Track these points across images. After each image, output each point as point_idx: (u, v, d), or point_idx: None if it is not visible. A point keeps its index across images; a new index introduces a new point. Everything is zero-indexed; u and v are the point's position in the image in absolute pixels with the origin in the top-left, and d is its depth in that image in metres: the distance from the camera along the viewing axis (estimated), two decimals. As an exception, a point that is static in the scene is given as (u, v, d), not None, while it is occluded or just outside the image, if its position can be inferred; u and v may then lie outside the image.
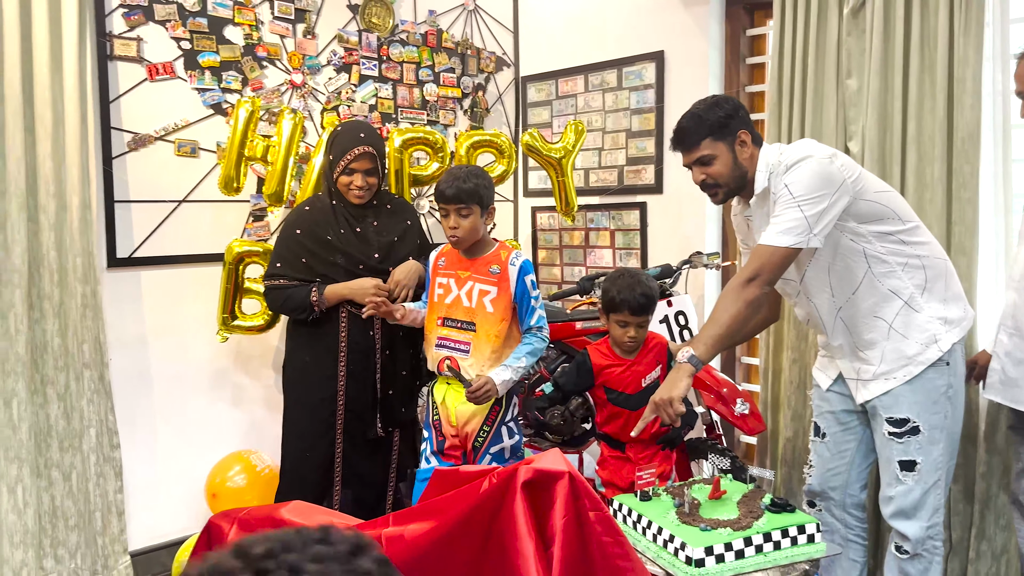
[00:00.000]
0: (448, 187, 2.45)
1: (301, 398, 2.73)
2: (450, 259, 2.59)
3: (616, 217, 3.80)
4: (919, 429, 2.14)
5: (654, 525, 2.06)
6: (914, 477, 2.16)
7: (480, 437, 2.54)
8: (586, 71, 3.85)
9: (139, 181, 2.99)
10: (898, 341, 2.16)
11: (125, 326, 2.99)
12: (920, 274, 2.16)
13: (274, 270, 2.69)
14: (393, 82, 3.66)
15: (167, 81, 3.02)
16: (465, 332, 2.51)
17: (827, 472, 2.40)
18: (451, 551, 1.73)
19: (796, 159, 2.07)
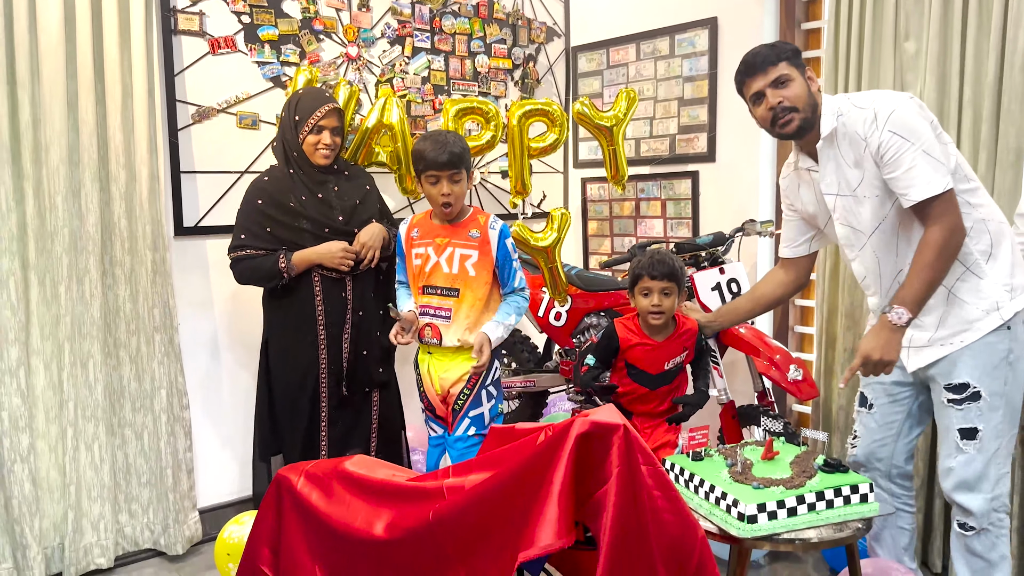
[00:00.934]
0: (440, 154, 2.44)
1: (287, 366, 2.76)
2: (424, 229, 2.60)
3: (667, 187, 3.80)
4: (980, 395, 2.09)
5: (706, 483, 2.10)
6: (975, 446, 2.10)
7: (460, 400, 2.58)
8: (638, 39, 3.84)
9: (203, 152, 3.09)
10: (958, 307, 2.11)
11: (192, 292, 3.11)
12: (986, 239, 2.10)
13: (238, 242, 2.71)
14: (445, 54, 3.70)
15: (228, 55, 3.11)
16: (447, 298, 2.55)
17: (873, 443, 2.37)
18: (508, 499, 1.80)
19: (888, 109, 2.03)
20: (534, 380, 3.53)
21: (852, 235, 2.23)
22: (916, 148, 1.99)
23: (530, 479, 1.75)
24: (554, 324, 3.40)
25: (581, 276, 3.42)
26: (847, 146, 2.11)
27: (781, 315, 3.47)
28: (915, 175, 2.00)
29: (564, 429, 1.76)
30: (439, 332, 2.55)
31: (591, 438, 1.74)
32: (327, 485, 2.12)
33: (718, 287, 3.08)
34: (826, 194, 2.22)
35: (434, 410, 2.65)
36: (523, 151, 3.17)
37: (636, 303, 2.60)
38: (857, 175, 2.13)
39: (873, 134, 2.04)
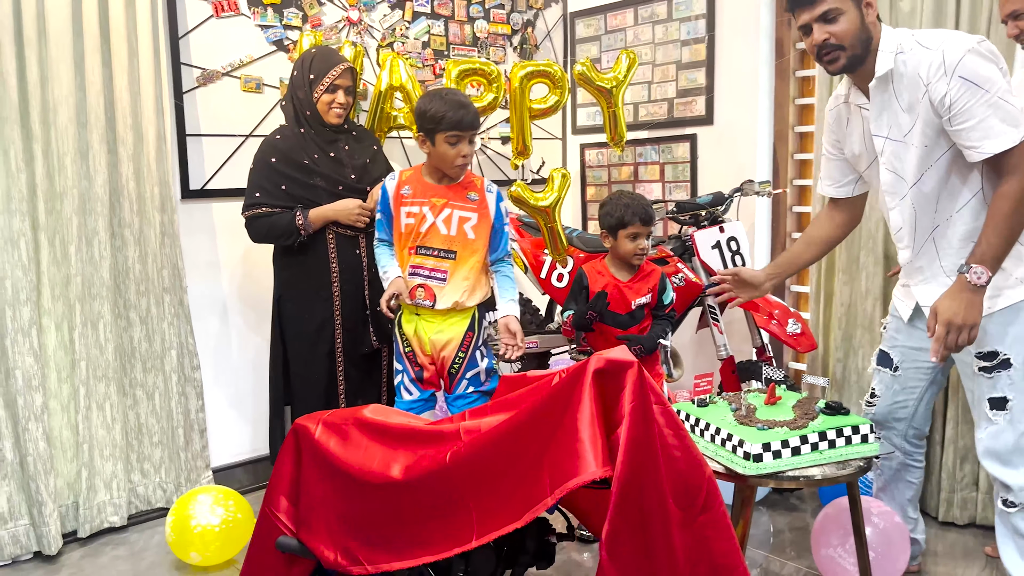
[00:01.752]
0: (466, 114, 2.42)
1: (303, 320, 2.80)
2: (417, 187, 2.55)
3: (665, 150, 3.85)
4: (1010, 362, 1.98)
5: (712, 427, 2.17)
6: (1006, 417, 2.00)
7: (456, 363, 2.57)
8: (635, 4, 3.87)
9: (208, 115, 3.11)
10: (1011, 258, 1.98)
11: (200, 255, 3.14)
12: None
13: (253, 200, 2.73)
14: (445, 19, 3.72)
15: (232, 18, 3.12)
16: (443, 260, 2.52)
17: (894, 404, 2.32)
18: (524, 439, 1.85)
19: (959, 53, 1.86)
20: (537, 341, 3.59)
21: (896, 183, 2.08)
22: (990, 96, 1.84)
23: (550, 418, 1.80)
24: (556, 286, 3.45)
25: (582, 238, 3.47)
26: (904, 87, 1.95)
27: (778, 274, 3.53)
28: (990, 126, 1.85)
29: (580, 368, 1.82)
30: (433, 294, 2.53)
31: (606, 375, 1.80)
32: (344, 432, 2.17)
33: (718, 245, 3.14)
34: (875, 135, 2.07)
35: (419, 373, 2.61)
36: (524, 112, 3.21)
37: (620, 246, 2.67)
38: (909, 120, 1.98)
39: (940, 80, 1.88)
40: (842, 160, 2.27)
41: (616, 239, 2.68)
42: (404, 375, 2.63)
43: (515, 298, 2.62)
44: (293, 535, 2.22)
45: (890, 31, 1.98)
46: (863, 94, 2.07)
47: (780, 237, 3.51)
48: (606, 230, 2.70)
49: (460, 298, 2.53)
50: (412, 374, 2.62)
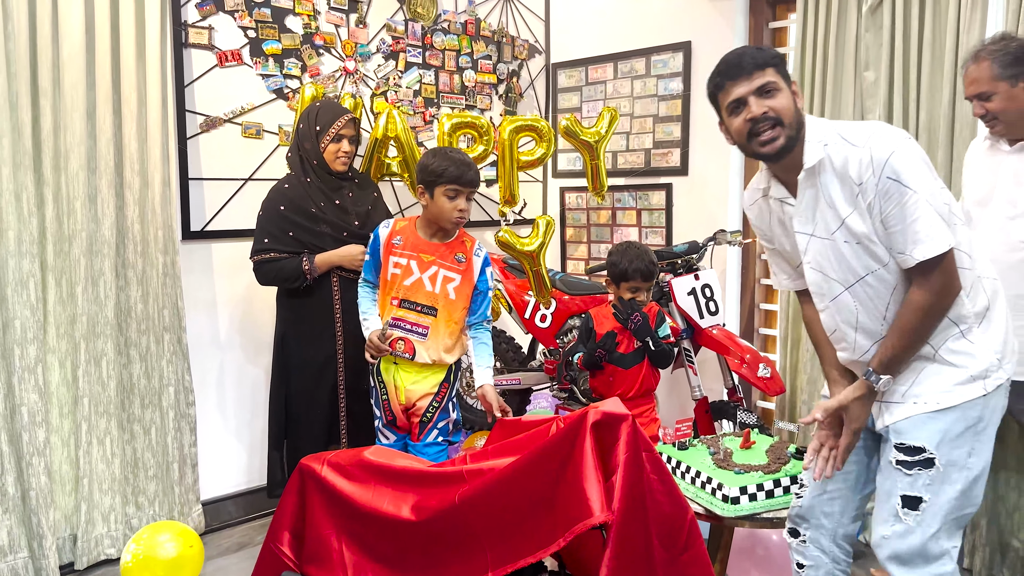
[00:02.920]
0: (467, 170, 2.55)
1: (304, 361, 2.93)
2: (408, 239, 2.64)
3: (642, 197, 4.06)
4: (933, 462, 1.79)
5: (692, 470, 2.35)
6: (916, 518, 1.80)
7: (429, 412, 2.67)
8: (615, 59, 4.09)
9: (210, 160, 3.24)
10: (943, 366, 1.82)
11: (198, 294, 3.25)
12: (983, 299, 1.82)
13: (262, 245, 2.86)
14: (435, 69, 3.90)
15: (235, 67, 3.26)
16: (425, 316, 2.61)
17: (824, 495, 2.02)
18: (530, 483, 2.00)
19: (887, 150, 1.71)
20: (519, 379, 3.75)
21: (823, 283, 1.89)
22: (919, 198, 1.69)
23: (552, 463, 1.96)
24: (539, 326, 3.62)
25: (565, 281, 3.66)
26: (832, 182, 1.78)
27: (747, 318, 3.75)
28: (919, 230, 1.70)
29: (579, 419, 1.98)
30: (412, 347, 2.61)
31: (602, 427, 1.97)
32: (350, 472, 2.30)
33: (693, 292, 3.35)
34: (798, 232, 1.88)
35: (392, 420, 2.72)
36: (513, 163, 3.39)
37: (621, 295, 2.92)
38: (836, 217, 1.80)
39: (869, 180, 1.72)
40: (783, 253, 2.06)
41: (619, 288, 2.88)
42: (380, 421, 2.76)
43: (490, 366, 2.71)
44: (297, 569, 2.34)
45: (814, 121, 1.83)
46: (783, 186, 1.89)
47: (749, 284, 3.73)
48: (611, 279, 2.91)
49: (438, 356, 2.63)
50: (385, 419, 2.74)
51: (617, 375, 2.92)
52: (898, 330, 1.79)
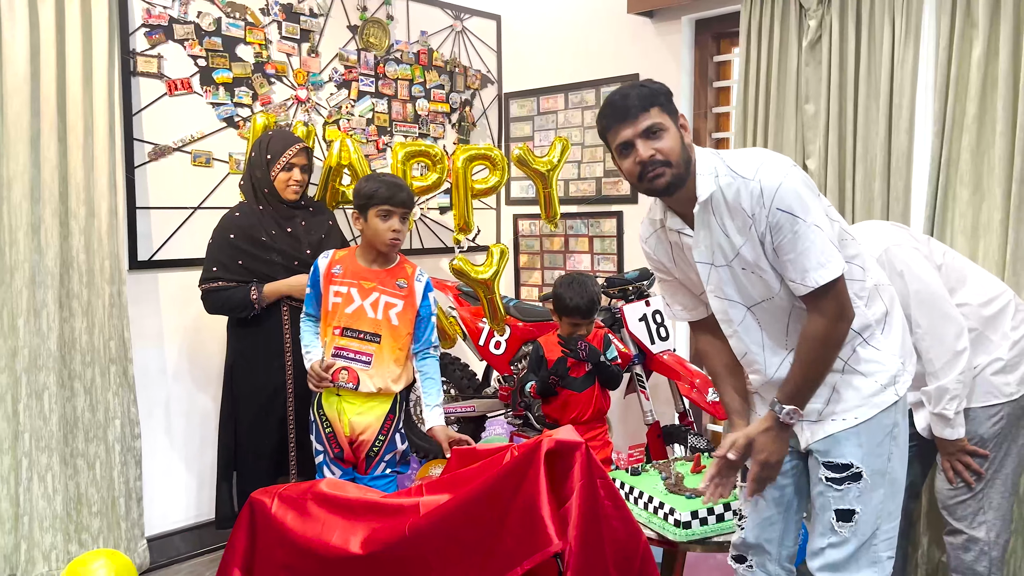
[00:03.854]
0: (398, 191, 2.54)
1: (253, 391, 2.90)
2: (348, 267, 2.60)
3: (594, 224, 4.12)
4: (861, 475, 1.83)
5: (645, 495, 2.38)
6: (851, 528, 1.85)
7: (376, 445, 2.62)
8: (566, 90, 4.16)
9: (158, 189, 3.20)
10: (853, 377, 1.86)
11: (146, 324, 3.20)
12: (880, 305, 1.89)
13: (211, 274, 2.83)
14: (388, 97, 3.92)
15: (184, 96, 3.24)
16: (368, 343, 2.57)
17: (763, 522, 2.01)
18: (481, 512, 2.01)
19: (775, 182, 1.73)
20: (474, 406, 3.75)
21: (729, 309, 1.90)
22: (808, 225, 1.72)
23: (506, 493, 1.96)
24: (494, 352, 3.64)
25: (519, 307, 3.68)
26: (725, 213, 1.80)
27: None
28: (811, 257, 1.72)
29: (532, 447, 2.00)
30: (356, 376, 2.56)
31: (556, 455, 1.98)
32: (301, 506, 2.27)
33: (644, 318, 3.40)
34: (699, 262, 1.88)
35: (339, 454, 2.65)
36: (467, 192, 3.42)
37: (562, 326, 2.97)
38: (732, 247, 1.82)
39: (760, 211, 1.74)
40: (681, 284, 2.04)
41: (560, 320, 2.92)
42: (325, 456, 2.67)
43: (439, 403, 2.66)
44: (248, 607, 2.29)
45: (703, 153, 1.84)
46: (680, 218, 1.89)
47: (699, 309, 3.80)
48: (554, 309, 2.95)
49: (384, 384, 2.59)
50: (331, 454, 2.66)
51: (571, 399, 2.94)
52: (799, 362, 1.81)
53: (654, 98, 1.77)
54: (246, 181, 2.93)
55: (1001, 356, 2.27)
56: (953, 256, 2.38)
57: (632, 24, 3.83)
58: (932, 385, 2.21)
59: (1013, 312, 2.31)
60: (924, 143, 2.93)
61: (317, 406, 2.66)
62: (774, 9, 3.21)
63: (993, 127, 2.75)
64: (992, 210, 2.75)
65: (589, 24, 4.02)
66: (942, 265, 2.31)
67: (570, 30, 4.11)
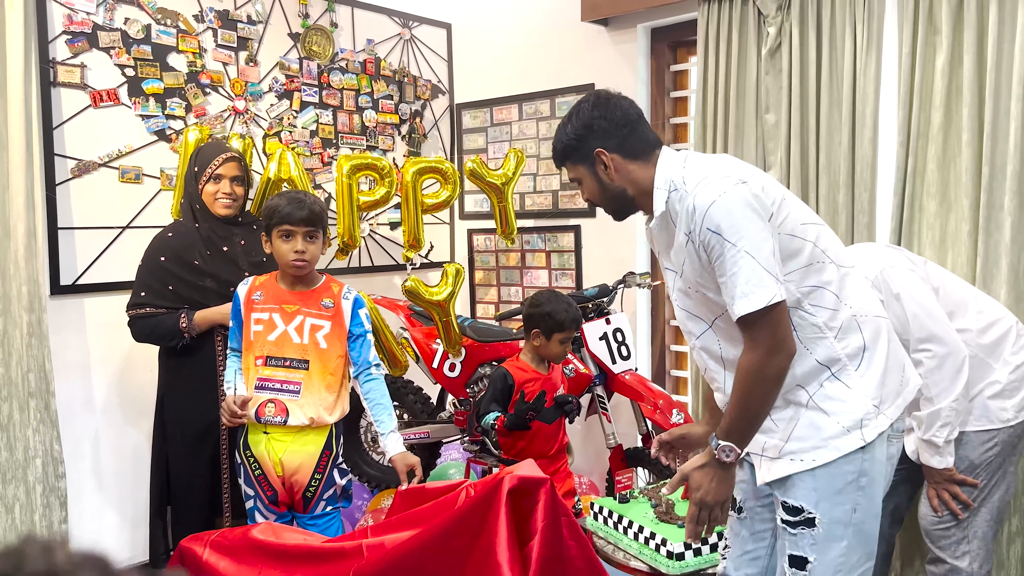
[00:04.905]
0: (298, 208, 2.30)
1: (184, 425, 2.68)
2: (269, 293, 2.40)
3: (551, 239, 3.98)
4: (814, 522, 1.70)
5: (635, 524, 2.24)
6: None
7: (312, 486, 2.38)
8: (520, 100, 4.02)
9: (83, 208, 2.97)
10: (816, 417, 1.70)
11: (70, 354, 2.96)
12: (856, 338, 1.71)
13: (139, 299, 2.63)
14: (333, 108, 3.74)
15: (111, 108, 3.02)
16: (296, 371, 2.35)
17: (744, 555, 1.93)
18: (436, 558, 1.84)
19: (707, 201, 1.63)
20: (428, 431, 3.57)
21: (688, 321, 1.85)
22: (737, 251, 1.60)
23: (463, 536, 1.81)
24: (448, 375, 3.46)
25: (475, 327, 3.52)
26: (680, 227, 1.71)
27: (659, 360, 3.70)
28: (737, 284, 1.61)
29: (493, 486, 1.84)
30: (285, 408, 2.33)
31: (519, 493, 1.84)
32: (235, 553, 2.08)
33: (605, 336, 3.26)
34: (665, 268, 1.85)
35: (272, 497, 2.39)
36: (417, 207, 3.25)
37: (551, 347, 2.72)
38: (679, 261, 1.76)
39: (695, 229, 1.66)
40: None
41: (549, 340, 2.72)
42: (256, 500, 2.40)
43: (394, 428, 2.43)
44: (179, 667, 2.09)
45: (666, 163, 1.75)
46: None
47: (659, 326, 3.68)
48: (541, 330, 2.72)
49: (316, 414, 2.35)
50: (265, 499, 2.40)
51: (540, 432, 2.76)
52: (733, 395, 1.68)
53: (561, 158, 1.85)
54: (185, 199, 2.74)
55: (999, 379, 2.17)
56: (952, 280, 2.29)
57: (586, 33, 3.72)
58: (925, 411, 2.11)
59: (1015, 338, 2.22)
60: (889, 153, 2.86)
61: (244, 446, 2.39)
62: (732, 16, 3.11)
63: (959, 136, 2.68)
64: (960, 221, 2.68)
65: (542, 33, 3.90)
66: (939, 288, 2.21)
67: (523, 39, 3.98)
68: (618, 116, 1.77)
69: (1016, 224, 2.55)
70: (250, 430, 2.38)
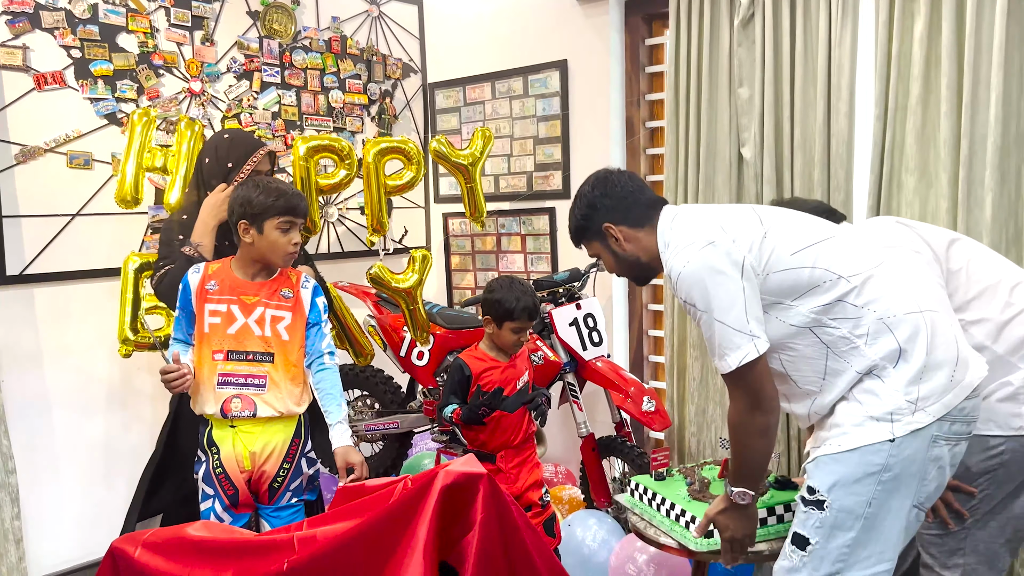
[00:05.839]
0: (301, 200, 2.29)
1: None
2: (225, 283, 2.29)
3: (526, 222, 3.86)
4: (823, 505, 1.69)
5: (667, 502, 2.18)
6: (802, 558, 1.72)
7: (280, 475, 2.31)
8: (493, 79, 3.89)
9: (29, 195, 2.87)
10: (850, 405, 1.72)
11: (18, 346, 2.87)
12: (888, 340, 1.68)
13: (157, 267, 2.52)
14: (297, 89, 3.61)
15: (57, 91, 2.91)
16: (259, 364, 2.27)
17: None
18: (365, 552, 1.78)
19: (676, 271, 1.74)
20: (398, 421, 3.47)
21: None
22: (709, 317, 1.69)
23: (393, 529, 1.76)
24: (417, 364, 3.36)
25: (443, 315, 3.41)
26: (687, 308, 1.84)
27: (636, 346, 3.58)
28: (714, 347, 1.72)
29: (427, 481, 1.77)
30: (252, 403, 2.25)
31: (456, 488, 1.77)
32: (168, 551, 1.99)
33: (575, 322, 3.15)
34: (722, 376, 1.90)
35: (234, 497, 2.28)
36: (379, 189, 3.13)
37: (503, 336, 2.59)
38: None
39: (676, 294, 1.80)
40: None
41: (500, 328, 2.60)
42: (215, 501, 2.29)
43: (343, 419, 2.33)
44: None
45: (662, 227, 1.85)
46: None
47: (636, 309, 3.56)
48: (492, 318, 2.60)
49: (284, 407, 2.28)
50: (225, 499, 2.28)
51: (503, 422, 2.64)
52: (731, 449, 1.81)
53: (577, 238, 2.01)
54: (191, 190, 2.58)
55: (1013, 381, 1.90)
56: (985, 262, 2.00)
57: (559, 7, 3.58)
58: None
59: None
60: (866, 128, 2.73)
61: (208, 440, 2.28)
62: (704, -15, 2.97)
63: (938, 108, 2.55)
64: (939, 198, 2.55)
65: (514, 8, 3.76)
66: (960, 270, 1.97)
67: (495, 15, 3.84)
68: (618, 191, 1.90)
69: (997, 200, 2.42)
70: (215, 426, 2.28)
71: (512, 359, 2.66)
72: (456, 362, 2.66)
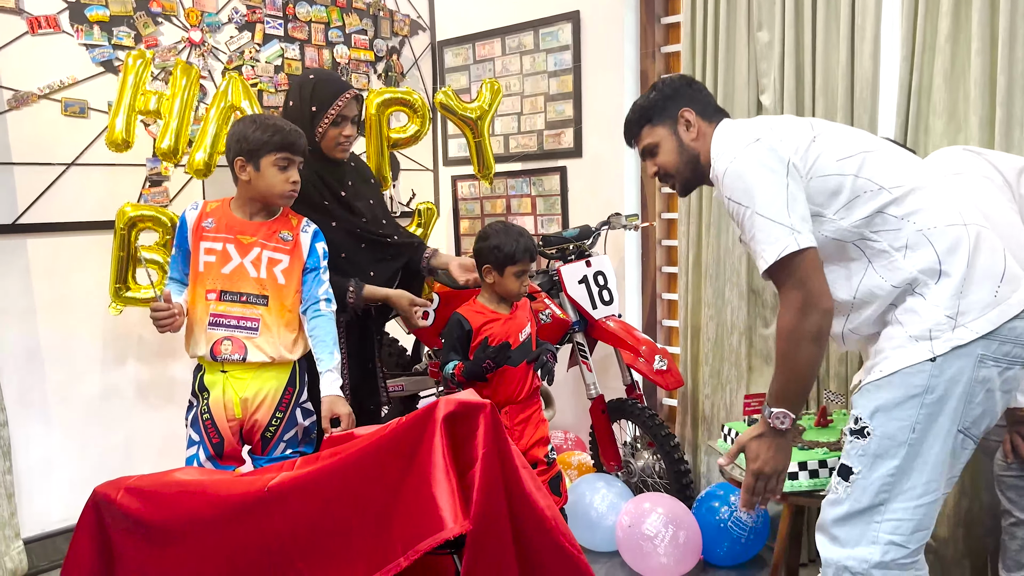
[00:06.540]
0: (300, 137, 2.20)
1: None
2: (222, 221, 2.21)
3: (537, 183, 3.74)
4: (866, 432, 1.64)
5: None
6: (846, 489, 1.65)
7: (273, 424, 2.23)
8: (502, 34, 3.77)
9: (22, 142, 2.78)
10: (893, 328, 1.67)
11: (11, 299, 2.79)
12: (928, 253, 1.62)
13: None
14: (300, 42, 3.51)
15: (50, 35, 2.82)
16: (253, 307, 2.19)
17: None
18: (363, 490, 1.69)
19: (722, 168, 1.72)
20: (403, 384, 3.38)
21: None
22: (752, 212, 1.65)
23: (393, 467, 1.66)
24: (422, 323, 3.25)
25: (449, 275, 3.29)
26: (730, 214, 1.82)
27: (649, 310, 3.46)
28: (755, 244, 1.67)
29: (427, 412, 1.68)
30: (243, 346, 2.17)
31: (457, 418, 1.68)
32: (150, 494, 1.93)
33: (585, 280, 3.03)
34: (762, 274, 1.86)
35: (218, 446, 2.21)
36: (382, 142, 3.03)
37: (506, 283, 2.47)
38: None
39: (721, 198, 1.77)
40: None
41: (503, 275, 2.48)
42: (200, 448, 2.21)
43: (334, 367, 2.25)
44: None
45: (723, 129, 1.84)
46: None
47: (650, 271, 3.44)
48: (492, 265, 2.47)
49: (276, 352, 2.20)
50: (210, 448, 2.20)
51: (507, 375, 2.53)
52: (777, 361, 1.69)
53: (641, 118, 1.93)
54: None
55: None
56: None
57: (571, -45, 3.45)
58: None
59: None
60: (891, 70, 2.58)
61: (200, 386, 2.22)
62: (722, -75, 2.83)
63: (968, 46, 2.40)
64: (969, 141, 2.40)
65: (525, -41, 3.63)
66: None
67: (505, -33, 3.72)
68: (700, 86, 1.94)
69: (1035, 140, 2.27)
70: (206, 370, 2.21)
71: (513, 310, 2.55)
72: (454, 317, 2.54)
